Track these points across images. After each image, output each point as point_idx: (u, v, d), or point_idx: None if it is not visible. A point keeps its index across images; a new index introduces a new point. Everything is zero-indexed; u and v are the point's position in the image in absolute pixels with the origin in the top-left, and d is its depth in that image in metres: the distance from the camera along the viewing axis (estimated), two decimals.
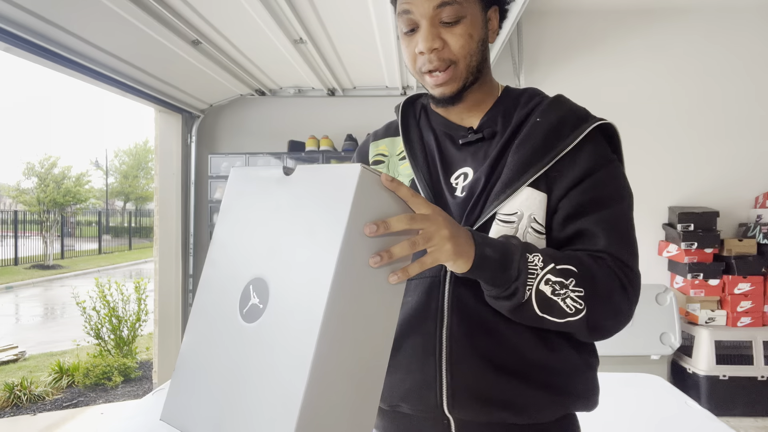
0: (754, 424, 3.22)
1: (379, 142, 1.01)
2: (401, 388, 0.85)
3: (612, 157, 0.86)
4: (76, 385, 4.65)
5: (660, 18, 3.76)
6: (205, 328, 0.71)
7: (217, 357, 0.67)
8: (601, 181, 0.83)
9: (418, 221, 0.65)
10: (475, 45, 0.85)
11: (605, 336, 0.80)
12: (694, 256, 3.51)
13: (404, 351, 0.85)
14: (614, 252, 0.80)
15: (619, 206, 0.83)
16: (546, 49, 3.82)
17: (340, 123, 4.00)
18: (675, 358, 3.56)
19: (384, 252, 0.62)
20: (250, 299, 0.65)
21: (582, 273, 0.75)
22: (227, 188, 0.76)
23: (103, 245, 18.49)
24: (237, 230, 0.72)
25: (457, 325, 0.82)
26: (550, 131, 0.84)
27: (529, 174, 0.81)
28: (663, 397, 2.16)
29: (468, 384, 0.81)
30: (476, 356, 0.81)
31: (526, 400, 0.81)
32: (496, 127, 0.89)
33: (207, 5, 2.33)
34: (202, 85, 3.51)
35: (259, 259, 0.66)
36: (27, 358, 5.78)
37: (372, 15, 2.47)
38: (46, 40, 2.31)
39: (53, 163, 17.91)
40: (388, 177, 0.63)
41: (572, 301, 0.74)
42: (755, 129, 3.75)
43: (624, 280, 0.79)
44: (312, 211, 0.63)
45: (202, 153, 4.05)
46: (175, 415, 0.69)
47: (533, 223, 0.82)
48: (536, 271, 0.74)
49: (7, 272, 13.07)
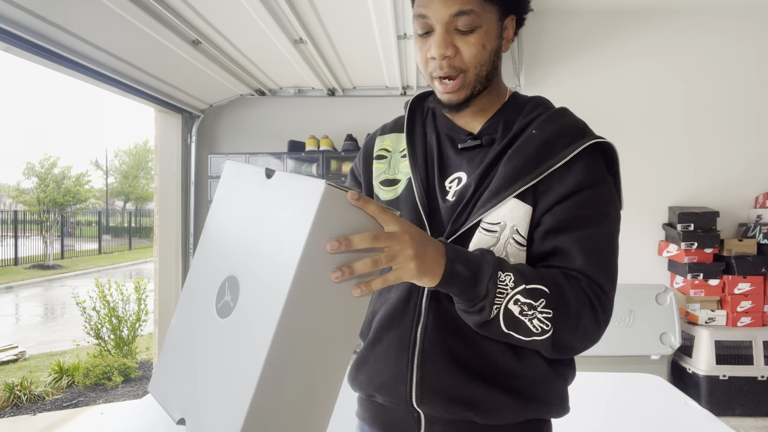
0: (754, 424, 3.22)
1: (385, 137, 1.01)
2: (377, 379, 0.88)
3: (604, 177, 0.84)
4: (76, 385, 4.65)
5: (660, 18, 3.76)
6: (190, 313, 0.75)
7: (195, 344, 0.72)
8: (587, 200, 0.81)
9: (382, 240, 0.65)
10: (487, 55, 0.85)
11: (569, 354, 0.81)
12: (694, 256, 3.51)
13: (382, 344, 0.88)
14: (590, 273, 0.79)
15: (601, 228, 0.82)
16: (546, 49, 3.82)
17: (340, 123, 4.00)
18: (675, 358, 3.56)
19: (345, 267, 0.63)
20: (224, 295, 0.69)
21: (553, 294, 0.75)
22: (221, 180, 0.80)
23: (103, 245, 18.49)
24: (223, 223, 0.76)
25: (432, 324, 0.84)
26: (544, 145, 0.83)
27: (516, 186, 0.81)
28: (663, 397, 2.16)
29: (435, 381, 0.83)
30: (446, 356, 0.83)
31: (489, 402, 0.82)
32: (495, 134, 0.89)
33: (207, 5, 2.33)
34: (202, 85, 3.51)
35: (236, 257, 0.70)
36: (27, 358, 5.78)
37: (372, 15, 2.47)
38: (46, 40, 2.31)
39: (53, 163, 17.91)
40: (354, 194, 0.63)
41: (539, 322, 0.75)
42: (755, 129, 3.75)
43: (596, 303, 0.78)
44: (281, 219, 0.65)
45: (202, 153, 4.05)
46: (159, 390, 0.75)
47: (515, 234, 0.82)
48: (506, 291, 0.74)
49: (7, 272, 13.08)
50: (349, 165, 3.88)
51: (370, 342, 0.91)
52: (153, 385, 0.77)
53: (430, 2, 0.82)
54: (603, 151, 0.85)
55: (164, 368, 0.76)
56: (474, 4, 0.81)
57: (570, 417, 0.90)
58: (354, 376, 0.94)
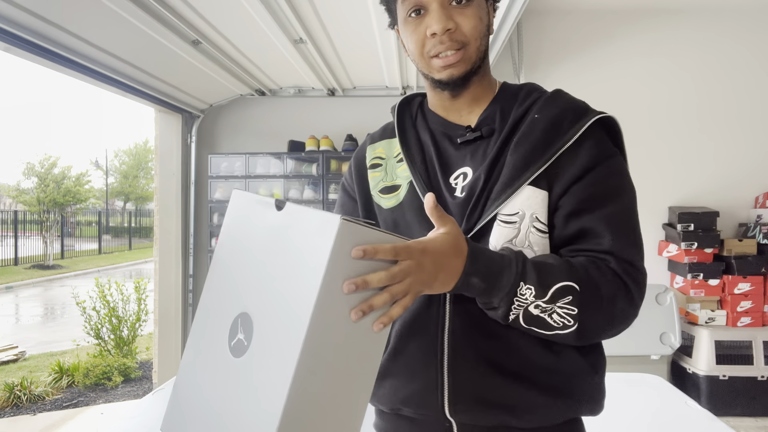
0: (754, 424, 3.22)
1: (375, 145, 0.99)
2: (403, 391, 0.84)
3: (613, 151, 0.84)
4: (76, 385, 4.64)
5: (660, 18, 3.76)
6: (202, 349, 0.73)
7: (209, 382, 0.69)
8: (603, 176, 0.81)
9: (399, 276, 0.65)
10: (484, 28, 0.85)
11: (604, 337, 0.81)
12: (694, 256, 3.51)
13: (406, 354, 0.84)
14: (619, 252, 0.78)
15: (622, 201, 0.81)
16: (546, 49, 3.83)
17: (340, 123, 4.00)
18: (675, 358, 3.55)
19: (365, 305, 0.62)
20: (237, 334, 0.67)
21: (584, 290, 0.74)
22: (228, 210, 0.77)
23: (103, 245, 18.49)
24: (232, 258, 0.73)
25: (459, 328, 0.81)
26: (549, 127, 0.82)
27: (529, 172, 0.80)
28: (663, 397, 2.16)
29: (470, 387, 0.80)
30: (478, 359, 0.80)
31: (528, 403, 0.79)
32: (494, 125, 0.88)
33: (207, 5, 2.33)
34: (202, 85, 3.51)
35: (248, 293, 0.68)
36: (27, 358, 5.78)
37: (372, 15, 2.47)
38: (46, 40, 2.31)
39: (53, 163, 17.90)
40: (359, 249, 0.62)
41: (560, 317, 0.74)
42: (755, 129, 3.75)
43: (629, 283, 0.77)
44: (296, 254, 0.63)
45: (202, 153, 4.05)
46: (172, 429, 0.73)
47: (536, 222, 0.80)
48: (525, 303, 0.74)
49: (7, 272, 13.07)
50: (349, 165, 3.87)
51: (391, 353, 0.87)
52: (166, 423, 0.74)
53: None
54: (606, 125, 0.85)
55: (177, 407, 0.74)
56: None
57: None
58: (374, 390, 0.88)
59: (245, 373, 0.63)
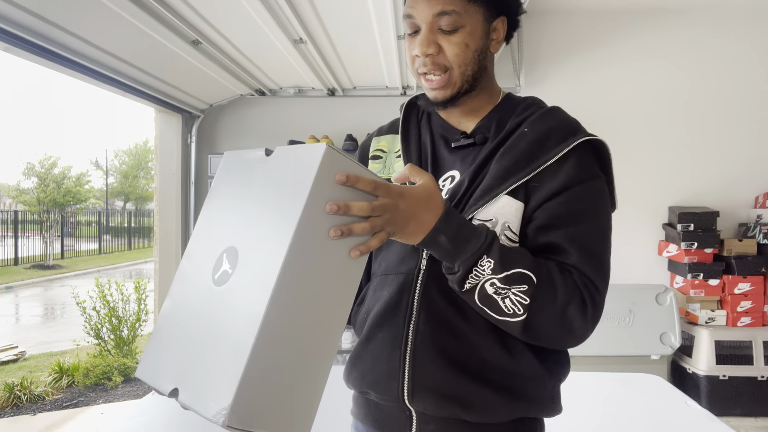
0: (754, 424, 3.22)
1: (381, 138, 1.04)
2: (370, 376, 0.90)
3: (595, 173, 0.85)
4: (76, 385, 4.65)
5: (660, 18, 3.76)
6: (182, 292, 0.76)
7: (188, 318, 0.72)
8: (579, 196, 0.82)
9: (378, 209, 0.69)
10: (471, 54, 0.87)
11: (549, 344, 0.83)
12: (694, 256, 3.51)
13: (375, 341, 0.90)
14: (583, 270, 0.80)
15: (593, 224, 0.83)
16: (546, 49, 3.82)
17: (340, 123, 4.00)
18: (675, 358, 3.55)
19: (345, 227, 0.66)
20: (222, 266, 0.69)
21: (540, 283, 0.77)
22: (218, 169, 0.82)
23: (103, 245, 18.49)
24: (220, 207, 0.77)
25: (423, 322, 0.85)
26: (535, 142, 0.84)
27: (508, 183, 0.82)
28: (663, 397, 2.16)
29: (427, 379, 0.84)
30: (437, 354, 0.84)
31: (480, 400, 0.83)
32: (488, 133, 0.91)
33: (207, 5, 2.33)
34: (202, 85, 3.51)
35: (235, 231, 0.71)
36: (27, 358, 5.78)
37: (372, 15, 2.47)
38: (46, 40, 2.31)
39: (53, 163, 17.91)
40: (342, 175, 0.66)
41: (512, 303, 0.77)
42: (755, 129, 3.75)
43: (587, 298, 0.79)
44: (282, 186, 0.67)
45: (202, 153, 4.05)
46: (147, 372, 0.74)
47: (507, 231, 0.83)
48: (482, 275, 0.77)
49: (7, 272, 13.07)
50: None
51: (364, 339, 0.92)
52: (141, 368, 0.75)
53: (416, 3, 0.86)
54: (595, 148, 0.86)
55: (154, 348, 0.75)
56: (456, 4, 0.84)
57: (570, 417, 0.90)
58: (348, 373, 0.95)
59: (228, 297, 0.66)
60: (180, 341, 0.71)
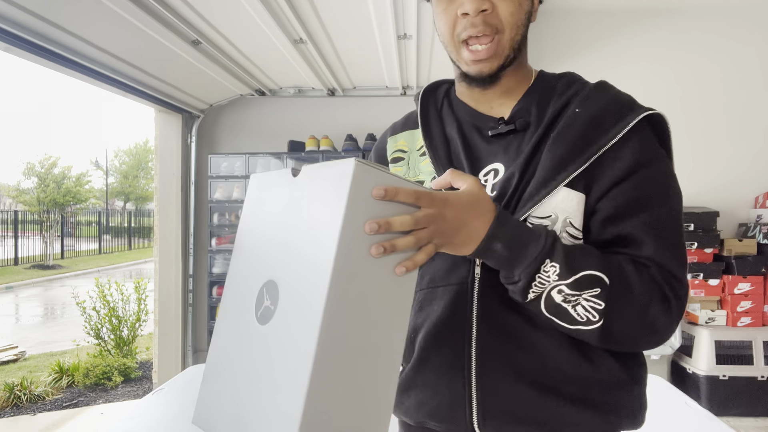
0: (754, 424, 3.22)
1: (397, 137, 0.92)
2: (428, 405, 0.79)
3: (659, 152, 0.77)
4: (76, 385, 4.64)
5: (660, 18, 3.76)
6: (229, 331, 0.72)
7: (238, 359, 0.68)
8: (647, 179, 0.74)
9: (422, 221, 0.62)
10: (523, 15, 0.78)
11: (632, 348, 0.75)
12: (694, 256, 3.51)
13: (431, 365, 0.80)
14: (661, 261, 0.71)
15: (666, 207, 0.74)
16: (546, 49, 3.82)
17: (340, 123, 4.00)
18: (675, 358, 3.55)
19: (387, 243, 0.60)
20: (263, 302, 0.66)
21: (614, 284, 0.69)
22: (247, 193, 0.77)
23: (103, 245, 18.49)
24: (254, 234, 0.73)
25: (487, 337, 0.75)
26: (590, 124, 0.75)
27: (566, 173, 0.73)
28: (663, 397, 2.16)
29: (500, 401, 0.75)
30: (508, 371, 0.75)
31: (563, 418, 0.74)
32: (529, 118, 0.80)
33: (207, 5, 2.33)
34: (202, 85, 3.51)
35: (272, 262, 0.67)
36: (27, 358, 5.78)
37: (372, 15, 2.47)
38: (46, 40, 2.31)
39: (53, 163, 17.91)
40: (380, 189, 0.59)
41: (584, 310, 0.69)
42: (755, 129, 3.75)
43: (669, 292, 0.71)
44: (315, 209, 0.62)
45: (202, 153, 4.05)
46: (203, 418, 0.71)
47: (569, 227, 0.74)
48: (547, 282, 0.68)
49: (7, 272, 13.07)
50: None
51: (416, 363, 0.82)
52: (197, 414, 0.72)
53: None
54: (653, 123, 0.78)
55: (207, 393, 0.72)
56: None
57: None
58: (399, 402, 0.84)
59: (274, 336, 0.62)
60: (232, 384, 0.67)
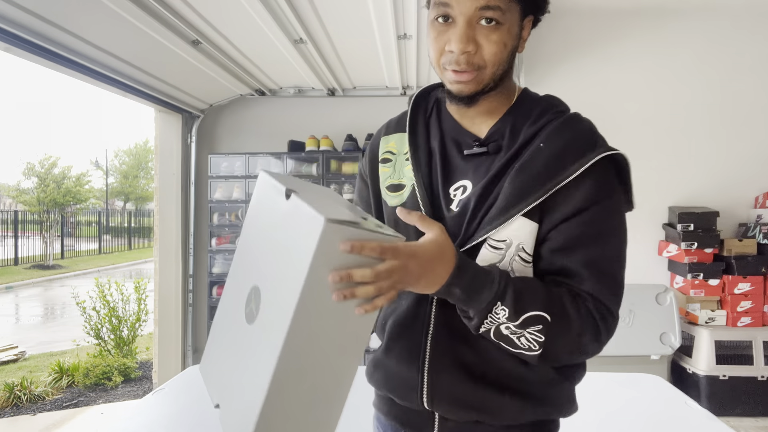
0: (754, 424, 3.23)
1: (389, 138, 0.98)
2: (390, 384, 0.92)
3: (613, 190, 0.82)
4: (76, 385, 4.64)
5: (660, 18, 3.76)
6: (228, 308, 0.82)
7: (230, 340, 0.78)
8: (595, 217, 0.80)
9: (383, 275, 0.66)
10: (506, 54, 0.82)
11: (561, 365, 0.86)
12: (694, 256, 3.51)
13: (395, 352, 0.92)
14: (598, 295, 0.79)
15: (610, 245, 0.81)
16: (546, 49, 3.82)
17: (340, 123, 4.00)
18: (675, 358, 3.55)
19: (347, 291, 0.65)
20: (250, 303, 0.74)
21: (555, 321, 0.77)
22: (255, 190, 0.83)
23: (103, 245, 18.49)
24: (250, 238, 0.81)
25: (441, 335, 0.86)
26: (552, 159, 0.80)
27: (524, 203, 0.79)
28: (663, 397, 2.16)
29: (446, 389, 0.86)
30: (455, 363, 0.85)
31: (500, 406, 0.85)
32: (502, 141, 0.86)
33: (207, 5, 2.33)
34: (202, 85, 3.51)
35: (258, 269, 0.75)
36: (27, 358, 5.78)
37: (372, 15, 2.47)
38: (46, 40, 2.31)
39: (53, 163, 17.90)
40: (346, 244, 0.64)
41: (527, 341, 0.78)
42: (755, 129, 3.75)
43: (600, 324, 0.79)
44: (291, 241, 0.68)
45: (202, 153, 4.05)
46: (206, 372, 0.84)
47: (521, 252, 0.82)
48: (497, 321, 0.77)
49: (7, 272, 13.07)
50: (349, 165, 3.88)
51: (384, 348, 0.94)
52: (203, 365, 0.85)
53: None
54: (614, 160, 0.83)
55: (210, 353, 0.84)
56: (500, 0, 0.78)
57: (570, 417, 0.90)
58: (371, 375, 0.97)
59: (254, 338, 0.70)
60: (224, 360, 0.78)
